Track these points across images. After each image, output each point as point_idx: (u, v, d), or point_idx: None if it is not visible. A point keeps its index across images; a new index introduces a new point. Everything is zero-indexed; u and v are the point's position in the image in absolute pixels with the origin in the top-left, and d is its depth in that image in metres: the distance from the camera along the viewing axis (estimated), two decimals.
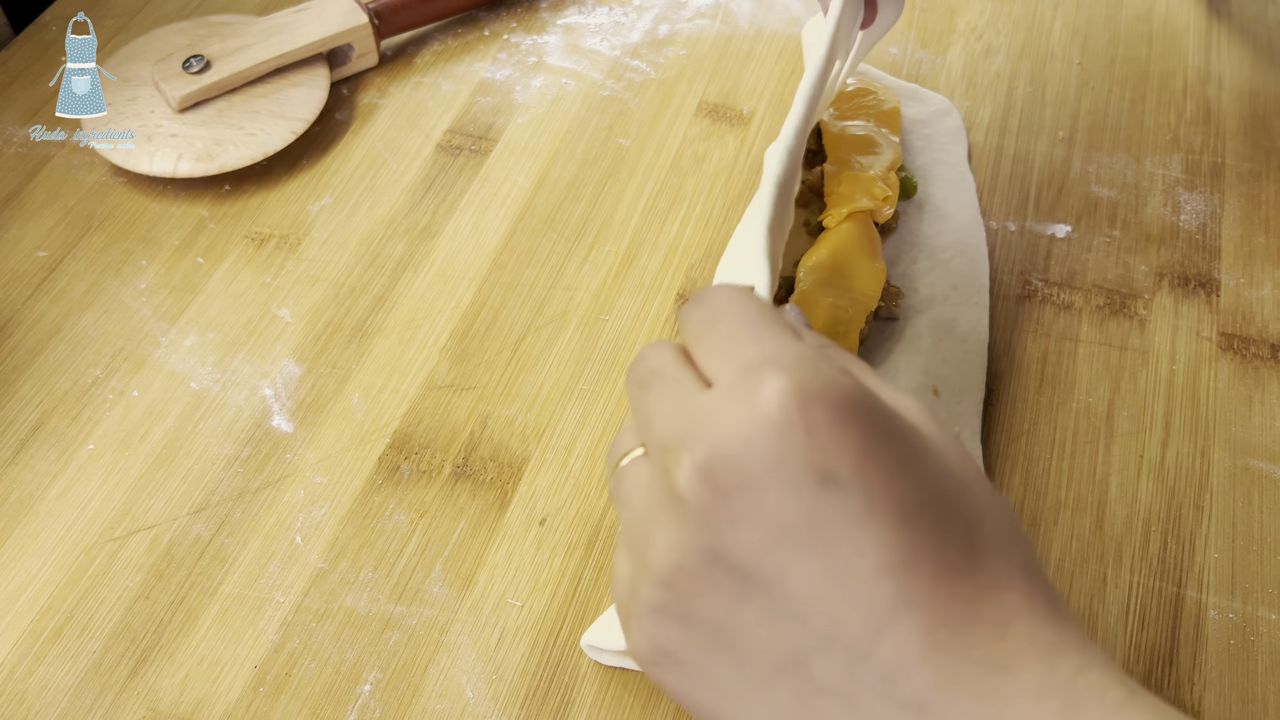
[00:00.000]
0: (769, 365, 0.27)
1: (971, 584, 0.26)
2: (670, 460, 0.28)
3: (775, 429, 0.26)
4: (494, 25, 0.66)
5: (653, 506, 0.28)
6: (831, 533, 0.26)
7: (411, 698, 0.41)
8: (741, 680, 0.27)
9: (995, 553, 0.27)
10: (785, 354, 0.27)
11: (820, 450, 0.26)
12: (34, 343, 0.51)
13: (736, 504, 0.26)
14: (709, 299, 0.31)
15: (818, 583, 0.26)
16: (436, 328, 0.52)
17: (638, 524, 0.29)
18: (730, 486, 0.26)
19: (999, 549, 0.27)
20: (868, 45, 0.50)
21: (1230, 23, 0.66)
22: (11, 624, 0.43)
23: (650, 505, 0.28)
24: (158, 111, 0.57)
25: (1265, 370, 0.51)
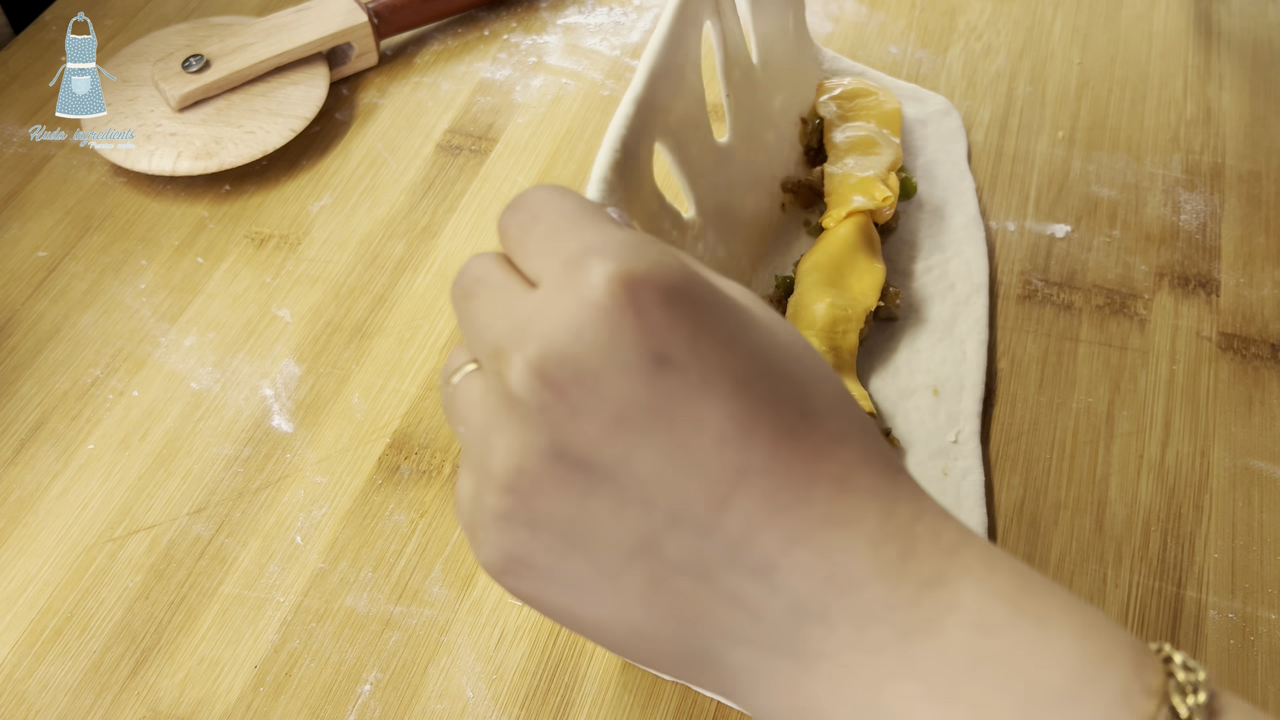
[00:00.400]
0: (592, 254, 0.26)
1: (809, 444, 0.26)
2: (502, 364, 0.27)
3: (605, 315, 0.26)
4: (494, 25, 0.66)
5: (488, 415, 0.28)
6: (670, 411, 0.26)
7: (411, 698, 0.41)
8: (594, 574, 0.27)
9: (829, 414, 0.27)
10: (608, 242, 0.27)
11: (652, 331, 0.26)
12: (34, 343, 0.51)
13: (573, 396, 0.26)
14: (525, 201, 0.30)
15: (660, 463, 0.26)
16: (436, 328, 0.52)
17: (476, 436, 0.28)
18: (565, 380, 0.26)
19: (832, 410, 0.27)
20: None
21: (1230, 22, 0.66)
22: (11, 624, 0.43)
23: (485, 414, 0.28)
24: (157, 111, 0.57)
25: (1265, 370, 0.51)
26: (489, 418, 0.28)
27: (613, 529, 0.27)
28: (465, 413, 0.29)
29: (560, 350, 0.26)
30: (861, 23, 0.66)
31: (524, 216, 0.30)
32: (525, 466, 0.27)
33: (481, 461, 0.28)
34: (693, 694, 0.42)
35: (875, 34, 0.65)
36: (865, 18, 0.66)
